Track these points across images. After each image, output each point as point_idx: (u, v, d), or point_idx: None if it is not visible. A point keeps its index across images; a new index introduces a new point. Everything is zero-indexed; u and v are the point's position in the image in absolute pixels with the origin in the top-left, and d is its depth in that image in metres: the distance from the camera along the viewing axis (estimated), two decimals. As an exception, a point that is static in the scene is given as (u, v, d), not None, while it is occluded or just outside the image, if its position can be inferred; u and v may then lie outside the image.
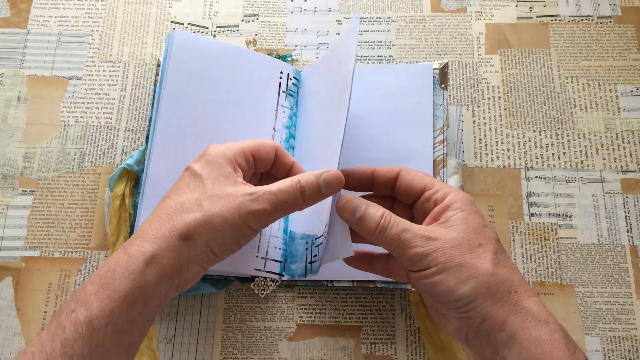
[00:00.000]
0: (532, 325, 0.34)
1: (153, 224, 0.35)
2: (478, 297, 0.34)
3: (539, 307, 0.35)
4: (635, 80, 0.55)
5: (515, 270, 0.36)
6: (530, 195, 0.52)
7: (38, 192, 0.52)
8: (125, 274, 0.33)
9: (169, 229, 0.35)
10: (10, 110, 0.55)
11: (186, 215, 0.35)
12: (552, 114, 0.54)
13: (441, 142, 0.50)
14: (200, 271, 0.36)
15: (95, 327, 0.32)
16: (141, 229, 0.36)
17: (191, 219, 0.35)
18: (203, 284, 0.48)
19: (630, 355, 0.47)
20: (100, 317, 0.32)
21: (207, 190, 0.36)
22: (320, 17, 0.59)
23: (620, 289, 0.49)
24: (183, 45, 0.49)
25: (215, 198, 0.36)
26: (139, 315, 0.33)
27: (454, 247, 0.36)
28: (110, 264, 0.34)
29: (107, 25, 0.58)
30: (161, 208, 0.37)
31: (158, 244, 0.34)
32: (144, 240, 0.34)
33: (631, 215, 0.51)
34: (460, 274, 0.35)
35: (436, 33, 0.58)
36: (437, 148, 0.50)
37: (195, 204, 0.36)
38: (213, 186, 0.37)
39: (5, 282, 0.49)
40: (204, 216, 0.35)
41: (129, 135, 0.54)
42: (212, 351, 0.47)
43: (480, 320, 0.35)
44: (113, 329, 0.32)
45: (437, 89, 0.52)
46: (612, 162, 0.53)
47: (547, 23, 0.58)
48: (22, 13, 0.58)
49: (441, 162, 0.50)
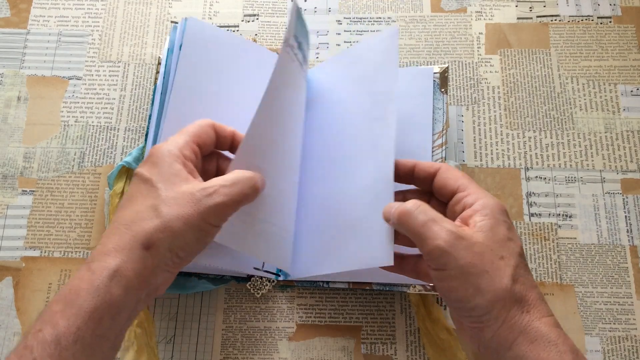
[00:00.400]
0: (542, 347, 0.33)
1: (112, 237, 0.34)
2: (493, 310, 0.34)
3: (550, 327, 0.34)
4: (635, 80, 0.55)
5: (533, 288, 0.35)
6: (530, 195, 0.52)
7: (38, 192, 0.52)
8: (90, 291, 0.32)
9: (130, 240, 0.34)
10: (10, 110, 0.55)
11: (144, 224, 0.34)
12: (552, 114, 0.54)
13: (440, 146, 0.50)
14: (169, 277, 0.36)
15: (63, 346, 0.31)
16: (102, 242, 0.35)
17: (150, 226, 0.34)
18: (200, 282, 0.48)
19: (630, 355, 0.47)
20: (67, 334, 0.31)
21: (160, 194, 0.35)
22: (320, 17, 0.59)
23: (620, 289, 0.49)
24: (196, 33, 0.48)
25: (171, 200, 0.35)
26: (108, 329, 0.33)
27: (476, 254, 0.35)
28: (74, 281, 0.33)
29: (107, 25, 0.58)
30: (118, 220, 0.35)
31: (121, 257, 0.33)
32: (106, 254, 0.34)
33: (631, 215, 0.51)
34: (478, 283, 0.34)
35: (436, 33, 0.58)
36: (436, 151, 0.50)
37: (151, 210, 0.35)
38: (166, 188, 0.35)
39: (5, 282, 0.49)
40: (163, 222, 0.34)
41: (129, 135, 0.54)
42: (212, 351, 0.47)
43: (490, 334, 0.34)
44: (82, 345, 0.31)
45: (437, 93, 0.52)
46: (612, 162, 0.53)
47: (547, 23, 0.58)
48: (22, 13, 0.58)
49: None
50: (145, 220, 0.34)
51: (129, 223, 0.35)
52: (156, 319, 0.48)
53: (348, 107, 0.48)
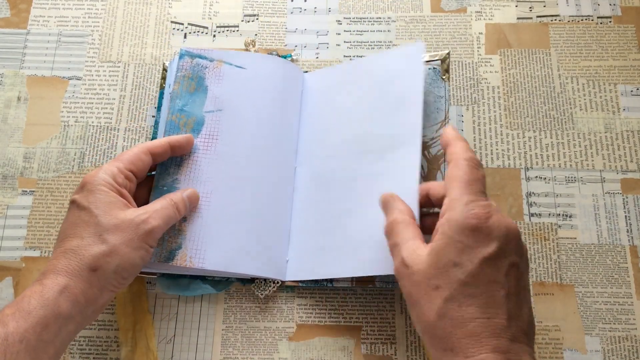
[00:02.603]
0: None
1: (61, 260, 0.38)
2: (426, 341, 0.35)
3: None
4: (635, 80, 0.55)
5: (461, 324, 0.32)
6: (530, 195, 0.52)
7: (38, 192, 0.52)
8: (40, 301, 0.36)
9: (78, 263, 0.38)
10: (10, 110, 0.55)
11: (91, 249, 0.38)
12: (552, 114, 0.54)
13: None
14: (112, 295, 0.40)
15: (9, 342, 0.34)
16: (52, 264, 0.38)
17: (97, 251, 0.38)
18: (203, 285, 0.48)
19: (630, 355, 0.47)
20: (14, 334, 0.34)
21: (101, 222, 0.39)
22: (320, 17, 0.59)
23: (620, 289, 0.49)
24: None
25: (113, 228, 0.39)
26: (53, 336, 0.36)
27: (414, 283, 0.34)
28: (27, 292, 0.37)
29: (107, 25, 0.58)
30: (64, 246, 0.39)
31: (70, 277, 0.37)
32: (57, 274, 0.37)
33: (631, 215, 0.51)
34: (413, 313, 0.35)
35: (436, 33, 0.58)
36: (439, 142, 0.49)
37: (96, 236, 0.39)
38: (106, 216, 0.40)
39: (5, 282, 0.49)
40: (109, 247, 0.39)
41: (129, 135, 0.54)
42: (212, 351, 0.47)
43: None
44: (27, 346, 0.35)
45: (438, 81, 0.51)
46: (612, 162, 0.53)
47: (547, 23, 0.58)
48: (22, 13, 0.58)
49: (442, 156, 0.49)
50: (92, 246, 0.38)
51: (75, 249, 0.38)
52: (156, 319, 0.48)
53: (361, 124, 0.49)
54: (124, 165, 0.43)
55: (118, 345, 0.47)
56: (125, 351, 0.47)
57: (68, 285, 0.37)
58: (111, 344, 0.47)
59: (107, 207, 0.40)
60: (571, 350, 0.47)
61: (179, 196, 0.45)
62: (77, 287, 0.37)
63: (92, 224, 0.39)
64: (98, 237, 0.39)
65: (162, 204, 0.43)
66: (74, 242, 0.39)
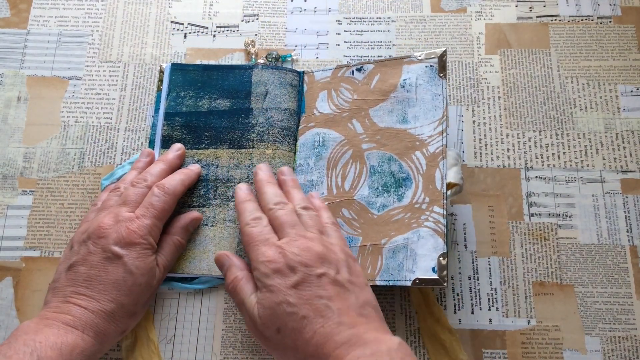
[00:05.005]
0: None
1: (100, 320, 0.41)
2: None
3: None
4: (635, 80, 0.55)
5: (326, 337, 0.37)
6: (530, 195, 0.52)
7: (38, 192, 0.52)
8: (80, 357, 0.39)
9: (114, 330, 0.42)
10: (10, 111, 0.55)
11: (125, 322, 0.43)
12: (552, 114, 0.54)
13: (440, 133, 0.48)
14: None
15: None
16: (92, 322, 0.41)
17: (128, 324, 0.43)
18: (204, 278, 0.48)
19: (630, 355, 0.47)
20: None
21: (141, 294, 0.43)
22: (320, 17, 0.59)
23: (620, 289, 0.49)
24: None
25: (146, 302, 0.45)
26: None
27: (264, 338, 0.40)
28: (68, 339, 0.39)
29: (107, 25, 0.58)
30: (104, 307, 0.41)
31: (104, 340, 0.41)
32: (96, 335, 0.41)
33: (631, 215, 0.51)
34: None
35: (436, 33, 0.58)
36: (437, 139, 0.48)
37: (132, 307, 0.43)
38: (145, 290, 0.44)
39: (5, 282, 0.49)
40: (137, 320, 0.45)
41: (129, 135, 0.54)
42: (212, 351, 0.47)
43: None
44: None
45: (435, 78, 0.50)
46: (612, 162, 0.53)
47: (547, 23, 0.58)
48: (22, 13, 0.58)
49: (440, 154, 0.48)
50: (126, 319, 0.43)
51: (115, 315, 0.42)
52: (156, 319, 0.48)
53: None
54: (163, 222, 0.46)
55: (118, 344, 0.47)
56: (126, 344, 0.47)
57: (101, 349, 0.41)
58: (111, 344, 0.47)
59: (148, 276, 0.43)
60: (571, 350, 0.47)
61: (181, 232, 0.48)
62: (105, 349, 0.42)
63: (133, 294, 0.42)
64: (133, 308, 0.43)
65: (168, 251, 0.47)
66: (114, 306, 0.42)
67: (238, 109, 0.52)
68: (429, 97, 0.50)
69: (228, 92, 0.53)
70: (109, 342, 0.42)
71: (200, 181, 0.50)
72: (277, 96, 0.53)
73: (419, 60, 0.51)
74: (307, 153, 0.52)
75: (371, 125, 0.51)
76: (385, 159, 0.50)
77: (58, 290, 0.42)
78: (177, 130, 0.52)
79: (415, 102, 0.50)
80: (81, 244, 0.44)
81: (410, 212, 0.47)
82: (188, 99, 0.53)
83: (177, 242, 0.47)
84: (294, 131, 0.53)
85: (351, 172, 0.50)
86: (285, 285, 0.39)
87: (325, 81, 0.54)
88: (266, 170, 0.49)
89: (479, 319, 0.48)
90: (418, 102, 0.50)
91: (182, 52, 0.57)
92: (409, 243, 0.46)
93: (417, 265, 0.45)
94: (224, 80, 0.53)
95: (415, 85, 0.51)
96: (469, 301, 0.49)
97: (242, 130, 0.52)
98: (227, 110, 0.52)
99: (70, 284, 0.42)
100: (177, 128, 0.52)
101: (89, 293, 0.41)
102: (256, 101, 0.52)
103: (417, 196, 0.48)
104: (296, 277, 0.39)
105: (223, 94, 0.53)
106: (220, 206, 0.50)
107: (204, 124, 0.52)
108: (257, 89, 0.53)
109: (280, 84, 0.53)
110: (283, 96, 0.53)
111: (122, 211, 0.44)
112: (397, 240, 0.47)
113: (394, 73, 0.52)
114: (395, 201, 0.48)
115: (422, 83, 0.50)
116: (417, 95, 0.50)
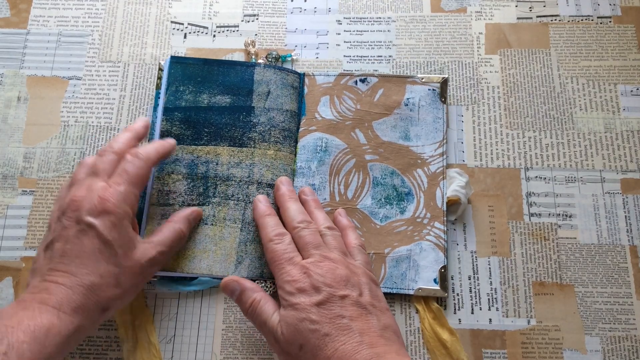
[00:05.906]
0: None
1: (78, 296, 0.39)
2: None
3: None
4: (635, 80, 0.55)
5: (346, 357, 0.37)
6: (530, 195, 0.52)
7: (38, 192, 0.52)
8: (57, 337, 0.37)
9: (94, 304, 0.40)
10: (10, 110, 0.55)
11: (108, 291, 0.40)
12: (552, 114, 0.54)
13: (440, 155, 0.52)
14: None
15: None
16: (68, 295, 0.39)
17: (112, 294, 0.41)
18: (203, 279, 0.48)
19: (630, 355, 0.47)
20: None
21: (121, 263, 0.41)
22: (320, 17, 0.59)
23: (620, 289, 0.49)
24: None
25: (128, 271, 0.42)
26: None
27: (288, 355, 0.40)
28: (42, 320, 0.37)
29: (107, 25, 0.58)
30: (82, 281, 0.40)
31: (84, 316, 0.39)
32: (75, 312, 0.39)
33: (631, 215, 0.51)
34: None
35: (436, 33, 0.58)
36: (437, 160, 0.51)
37: (114, 278, 0.41)
38: (124, 257, 0.42)
39: (5, 282, 0.49)
40: (122, 291, 0.41)
41: (129, 135, 0.54)
42: (212, 351, 0.47)
43: None
44: None
45: (437, 102, 0.53)
46: (612, 162, 0.53)
47: (547, 23, 0.58)
48: (22, 13, 0.58)
49: (441, 174, 0.51)
50: (109, 288, 0.41)
51: (93, 288, 0.40)
52: (156, 319, 0.48)
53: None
54: (139, 189, 0.44)
55: (118, 345, 0.47)
56: (127, 347, 0.47)
57: (82, 326, 0.39)
58: (111, 343, 0.47)
59: (127, 246, 0.42)
60: (571, 350, 0.47)
61: (183, 221, 0.47)
62: (87, 325, 0.40)
63: (112, 263, 0.41)
64: (115, 279, 0.41)
65: (167, 235, 0.45)
66: (92, 279, 0.40)
67: (239, 107, 0.52)
68: (430, 119, 0.53)
69: (229, 89, 0.53)
70: (92, 318, 0.40)
71: (200, 178, 0.50)
72: (279, 97, 0.53)
73: (421, 82, 0.54)
74: (309, 156, 0.52)
75: (374, 137, 0.53)
76: (388, 173, 0.51)
77: (37, 271, 0.41)
78: (176, 125, 0.52)
79: (417, 121, 0.53)
80: (57, 221, 0.42)
81: (412, 225, 0.50)
82: (187, 94, 0.52)
83: (178, 229, 0.46)
84: (294, 133, 0.53)
85: (354, 181, 0.51)
86: (308, 303, 0.39)
87: (328, 86, 0.54)
88: (288, 184, 0.49)
89: (479, 319, 0.48)
90: (420, 122, 0.53)
91: (182, 52, 0.57)
92: (411, 254, 0.49)
93: (420, 275, 0.48)
94: (225, 76, 0.53)
95: (418, 105, 0.53)
96: (469, 301, 0.49)
97: (243, 129, 0.52)
98: (228, 106, 0.52)
99: (47, 262, 0.41)
100: (176, 123, 0.52)
101: (66, 269, 0.40)
102: (258, 100, 0.52)
103: (419, 211, 0.50)
104: (320, 297, 0.39)
105: (224, 90, 0.53)
106: (220, 204, 0.49)
107: (203, 120, 0.52)
108: (259, 87, 0.53)
109: (282, 85, 0.53)
110: (285, 97, 0.53)
111: (95, 181, 0.43)
112: (401, 250, 0.49)
113: (397, 90, 0.54)
114: (397, 213, 0.50)
115: (425, 105, 0.53)
116: (419, 115, 0.53)
